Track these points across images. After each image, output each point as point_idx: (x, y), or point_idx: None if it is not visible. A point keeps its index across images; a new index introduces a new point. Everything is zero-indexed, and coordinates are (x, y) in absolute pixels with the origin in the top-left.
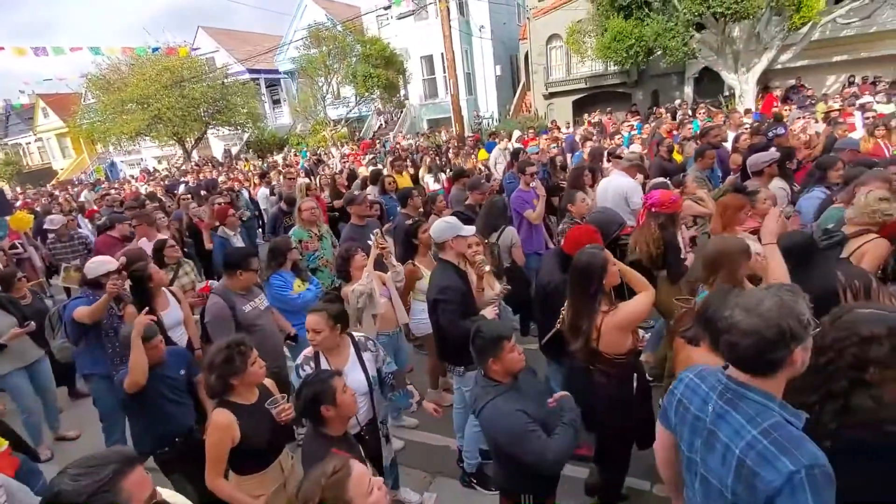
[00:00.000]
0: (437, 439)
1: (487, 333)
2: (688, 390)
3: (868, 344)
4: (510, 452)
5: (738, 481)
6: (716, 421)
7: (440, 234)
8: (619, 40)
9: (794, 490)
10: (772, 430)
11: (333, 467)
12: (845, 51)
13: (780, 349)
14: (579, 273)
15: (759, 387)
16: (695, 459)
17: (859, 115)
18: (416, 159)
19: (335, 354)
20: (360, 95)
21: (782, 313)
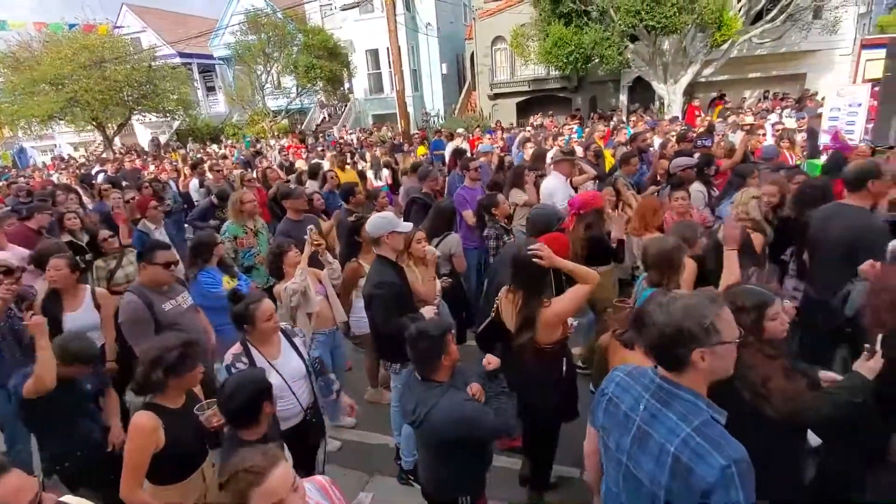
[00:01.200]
0: (374, 438)
1: (434, 330)
2: (619, 388)
3: (738, 312)
4: (468, 438)
5: (674, 478)
6: (649, 420)
7: (375, 230)
8: (559, 46)
9: (727, 484)
10: (703, 428)
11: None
12: (760, 68)
13: (677, 347)
14: (532, 266)
15: (687, 385)
16: (621, 458)
17: (769, 127)
18: (361, 154)
19: (267, 345)
20: (302, 87)
21: (685, 315)
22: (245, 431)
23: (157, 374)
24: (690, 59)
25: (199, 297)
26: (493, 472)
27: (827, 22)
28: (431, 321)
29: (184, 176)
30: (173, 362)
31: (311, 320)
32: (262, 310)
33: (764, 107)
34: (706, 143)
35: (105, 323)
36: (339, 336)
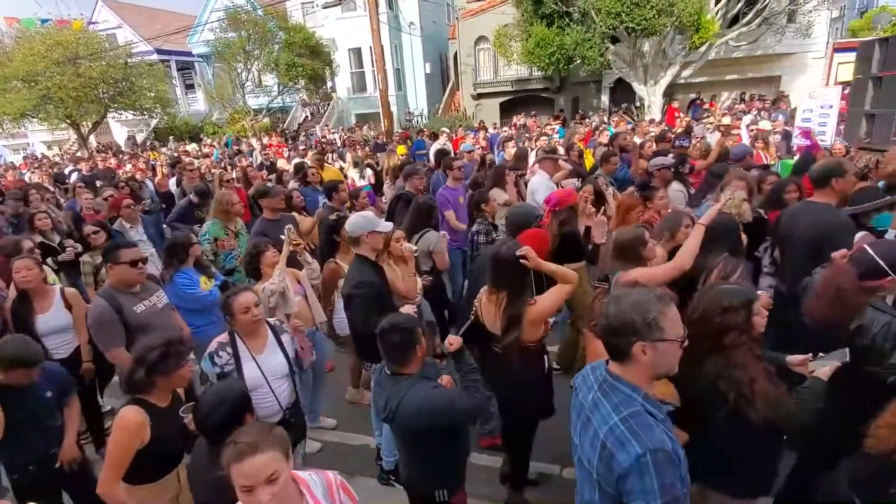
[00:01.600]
0: (355, 438)
1: (407, 323)
2: (581, 380)
3: (727, 313)
4: (440, 426)
5: (601, 462)
6: (592, 409)
7: (354, 229)
8: (541, 47)
9: (641, 471)
10: (630, 418)
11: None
12: (736, 70)
13: (620, 336)
14: (512, 266)
15: (627, 379)
16: (576, 443)
17: (745, 128)
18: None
19: (253, 338)
20: (284, 85)
21: (632, 308)
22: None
23: (140, 373)
24: (669, 60)
25: (176, 298)
26: (474, 471)
27: (800, 26)
28: (403, 314)
29: (161, 175)
30: (156, 360)
31: (289, 321)
32: (238, 301)
33: (740, 108)
34: (684, 143)
35: (78, 323)
36: (319, 336)
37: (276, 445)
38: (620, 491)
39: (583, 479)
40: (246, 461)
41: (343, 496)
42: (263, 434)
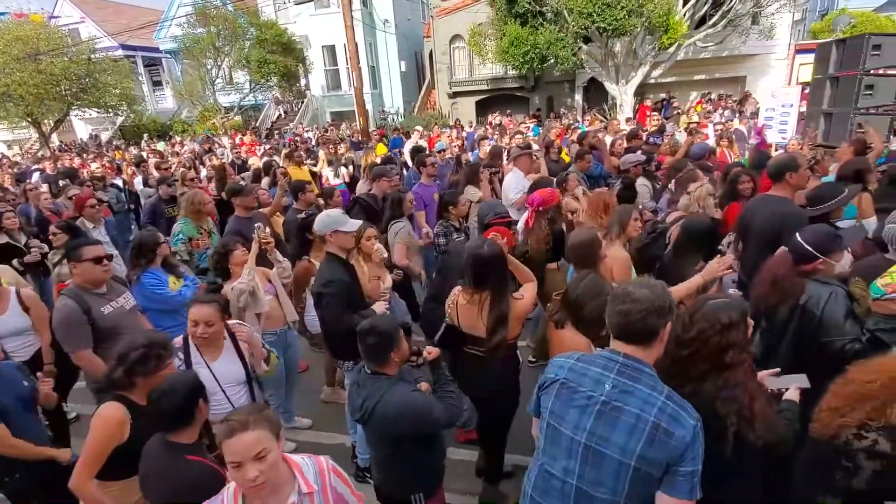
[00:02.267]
0: (330, 437)
1: (385, 327)
2: (573, 373)
3: (729, 330)
4: (416, 433)
5: (651, 444)
6: (621, 397)
7: (319, 227)
8: (516, 45)
9: (695, 437)
10: (671, 395)
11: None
12: (704, 71)
13: (658, 317)
14: (490, 266)
15: (646, 361)
16: (578, 438)
17: (712, 127)
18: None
19: (208, 346)
20: (255, 82)
21: (661, 293)
22: (177, 433)
23: (119, 372)
24: (640, 60)
25: (143, 299)
26: (451, 465)
27: (764, 28)
28: (383, 316)
29: (129, 174)
30: (136, 360)
31: (260, 320)
32: (192, 313)
33: (708, 108)
34: (657, 140)
35: (38, 325)
36: (291, 336)
37: (265, 425)
38: (670, 464)
39: (605, 472)
40: (235, 437)
41: (335, 479)
42: (254, 414)
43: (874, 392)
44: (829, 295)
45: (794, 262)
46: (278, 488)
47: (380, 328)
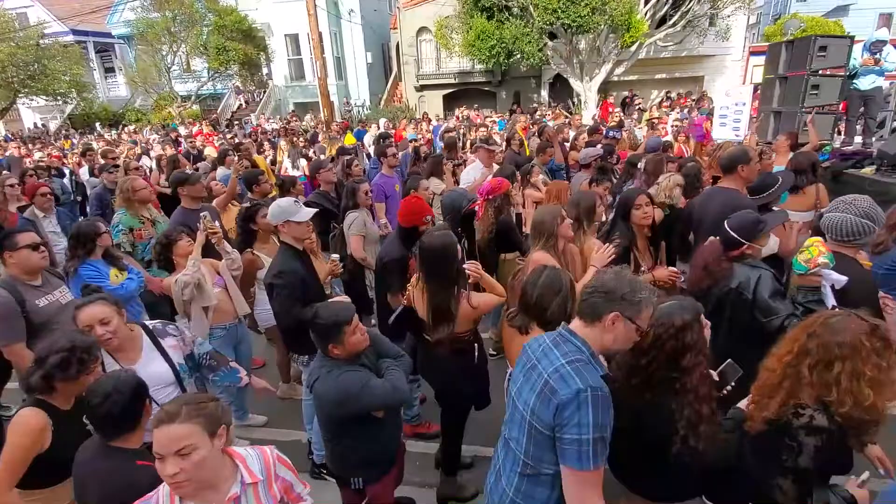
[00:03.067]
0: (286, 434)
1: (324, 319)
2: (534, 342)
3: (683, 332)
4: (346, 416)
5: (539, 398)
6: (539, 358)
7: (271, 218)
8: (482, 39)
9: (580, 404)
10: (575, 361)
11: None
12: (664, 70)
13: (606, 299)
14: (436, 256)
15: (582, 336)
16: (514, 398)
17: (670, 123)
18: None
19: (121, 350)
20: (214, 70)
21: (628, 284)
22: (123, 438)
23: (36, 378)
24: (604, 58)
25: (81, 292)
26: (409, 458)
27: (720, 29)
28: (331, 306)
29: (72, 163)
30: (56, 365)
31: (207, 314)
32: (79, 317)
33: (668, 105)
34: (616, 135)
35: None
36: (242, 330)
37: (198, 420)
38: (554, 426)
39: (516, 426)
40: (161, 428)
41: (281, 468)
42: (190, 405)
43: (778, 382)
44: (758, 278)
45: (724, 248)
46: (215, 485)
47: (319, 320)
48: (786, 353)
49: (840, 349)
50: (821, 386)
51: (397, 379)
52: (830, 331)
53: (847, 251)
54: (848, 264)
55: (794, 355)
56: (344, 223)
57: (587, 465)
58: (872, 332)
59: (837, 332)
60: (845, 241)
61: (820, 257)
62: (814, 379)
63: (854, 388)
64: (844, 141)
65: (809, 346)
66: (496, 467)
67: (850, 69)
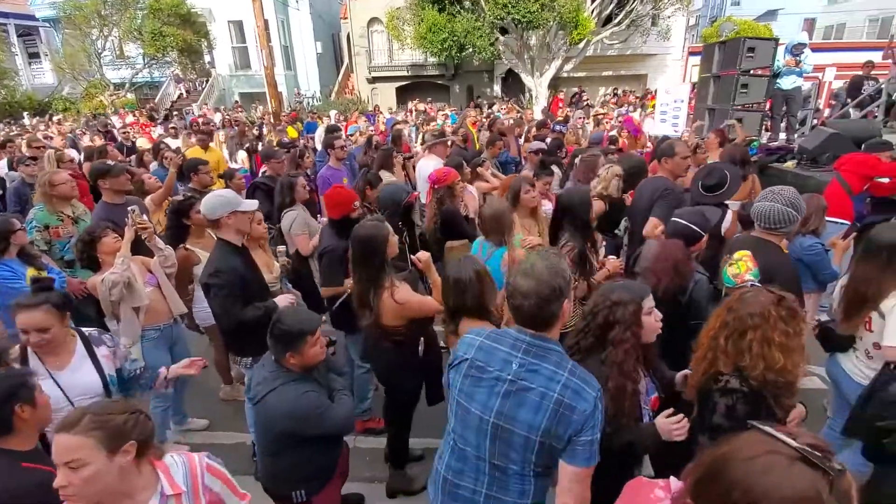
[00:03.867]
0: (230, 437)
1: (289, 326)
2: (481, 352)
3: (615, 307)
4: (299, 434)
5: (555, 419)
6: (528, 376)
7: (211, 210)
8: (434, 32)
9: (596, 408)
10: (574, 369)
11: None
12: (611, 67)
13: (554, 302)
14: (361, 245)
15: (551, 338)
16: (486, 417)
17: (616, 119)
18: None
19: (52, 354)
20: (150, 57)
21: (553, 273)
22: (4, 440)
23: None
24: (553, 54)
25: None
26: (357, 454)
27: (662, 30)
28: (298, 314)
29: None
30: None
31: (139, 315)
32: (19, 321)
33: (614, 102)
34: (562, 129)
35: None
36: (178, 330)
37: (94, 434)
38: (573, 437)
39: (512, 448)
40: (57, 435)
41: (210, 478)
42: (93, 416)
43: (703, 354)
44: (696, 282)
45: (686, 244)
46: (131, 495)
47: (283, 325)
48: (710, 328)
49: (751, 319)
50: (736, 354)
51: (346, 405)
52: (743, 304)
53: (773, 238)
54: (773, 251)
55: (716, 329)
56: (283, 223)
57: (592, 462)
58: (779, 302)
59: (749, 304)
60: (773, 229)
61: (747, 273)
62: (729, 348)
63: (765, 352)
64: (770, 137)
65: (727, 319)
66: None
67: (774, 70)
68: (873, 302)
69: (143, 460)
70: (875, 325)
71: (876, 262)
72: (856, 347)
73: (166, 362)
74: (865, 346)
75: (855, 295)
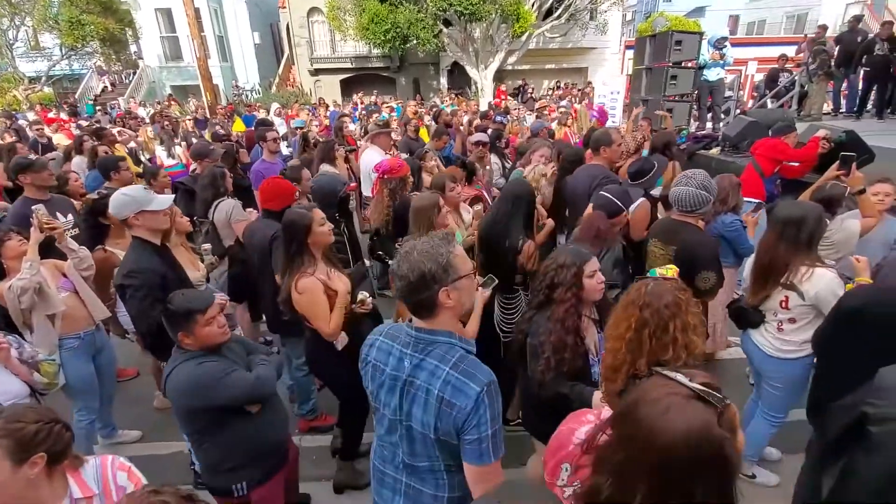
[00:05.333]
0: (166, 447)
1: (175, 306)
2: (380, 353)
3: (560, 269)
4: (205, 407)
5: (440, 418)
6: (413, 372)
7: (118, 210)
8: (376, 23)
9: (478, 406)
10: (459, 363)
11: None
12: (553, 60)
13: (424, 290)
14: (285, 230)
15: (440, 328)
16: (394, 418)
17: (558, 111)
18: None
19: None
20: (69, 47)
21: (425, 258)
22: None
23: None
24: (497, 47)
25: None
26: (305, 452)
27: (599, 24)
28: (187, 294)
29: None
30: None
31: (55, 323)
32: None
33: (558, 94)
34: (503, 120)
35: None
36: (101, 337)
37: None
38: (460, 433)
39: (417, 445)
40: None
41: (123, 478)
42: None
43: (623, 359)
44: (608, 249)
45: (609, 216)
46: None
47: (171, 305)
48: (625, 330)
49: (668, 309)
50: (660, 349)
51: (264, 370)
52: (655, 297)
53: (690, 220)
54: (692, 231)
55: (634, 330)
56: (215, 215)
57: (487, 460)
58: (679, 286)
59: (660, 295)
60: (690, 212)
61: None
62: (653, 344)
63: (687, 340)
64: (698, 126)
65: (645, 316)
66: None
67: (701, 63)
68: (776, 274)
69: (55, 471)
70: (792, 302)
71: (775, 235)
72: (767, 320)
73: (89, 373)
74: (779, 319)
75: (759, 268)
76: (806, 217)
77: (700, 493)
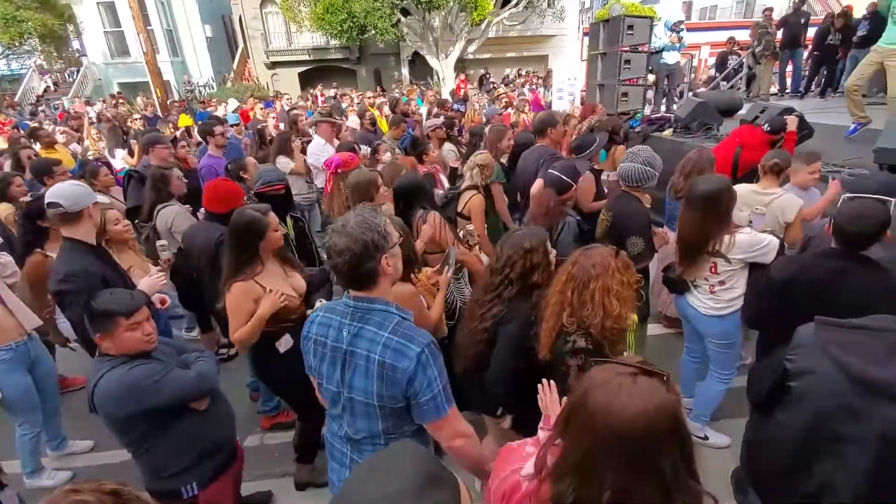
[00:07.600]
0: (119, 455)
1: (97, 304)
2: (321, 327)
3: (531, 253)
4: (142, 411)
5: (382, 382)
6: (352, 342)
7: (75, 201)
8: (331, 13)
9: (423, 366)
10: (397, 328)
11: None
12: (514, 49)
13: (368, 260)
14: (232, 234)
15: (377, 296)
16: (338, 391)
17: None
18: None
19: None
20: (5, 46)
21: (363, 229)
22: None
23: None
24: (456, 36)
25: None
26: (266, 451)
27: (557, 11)
28: (114, 293)
29: None
30: None
31: None
32: None
33: (520, 82)
34: (460, 108)
35: None
36: (36, 347)
37: None
38: (408, 396)
39: (358, 417)
40: None
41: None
42: None
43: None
44: (565, 225)
45: (558, 193)
46: None
47: (92, 304)
48: (558, 282)
49: (594, 269)
50: (580, 305)
51: (203, 366)
52: (586, 257)
53: (636, 193)
54: (632, 203)
55: (563, 283)
56: (158, 223)
57: (444, 412)
58: (616, 255)
59: (591, 257)
60: (635, 186)
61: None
62: (574, 299)
63: (605, 300)
64: (653, 109)
65: (573, 272)
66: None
67: (657, 47)
68: (698, 246)
69: None
70: (720, 267)
71: (698, 214)
72: (697, 285)
73: (27, 385)
74: (710, 283)
75: (686, 247)
76: (720, 190)
77: (668, 466)
